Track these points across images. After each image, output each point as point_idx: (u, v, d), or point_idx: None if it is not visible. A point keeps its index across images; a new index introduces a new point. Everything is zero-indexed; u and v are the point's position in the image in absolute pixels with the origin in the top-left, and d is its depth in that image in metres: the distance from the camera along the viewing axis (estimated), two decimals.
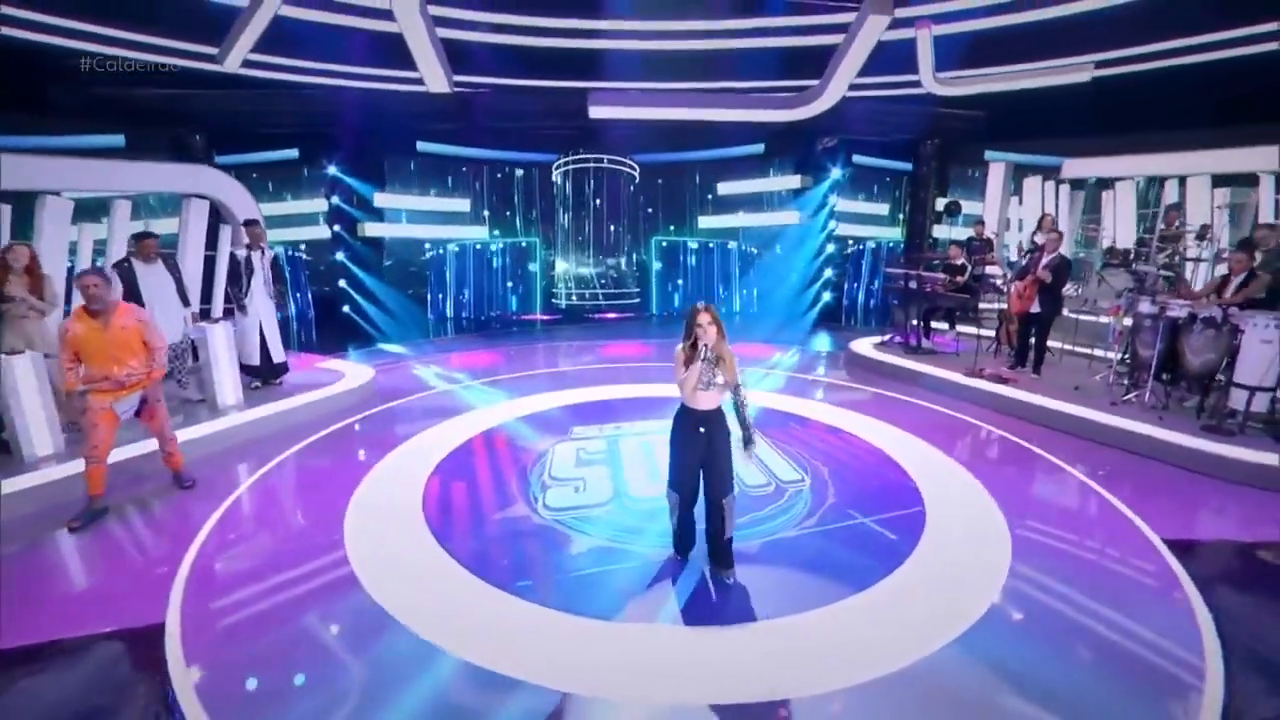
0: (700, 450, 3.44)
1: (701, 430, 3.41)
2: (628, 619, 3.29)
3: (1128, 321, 6.70)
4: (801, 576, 3.70)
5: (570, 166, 12.92)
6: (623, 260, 13.59)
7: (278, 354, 7.03)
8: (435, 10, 8.88)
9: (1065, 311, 7.59)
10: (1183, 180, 9.57)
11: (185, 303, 6.27)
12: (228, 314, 7.03)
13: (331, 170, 11.39)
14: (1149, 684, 2.83)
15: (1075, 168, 10.58)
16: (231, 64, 7.83)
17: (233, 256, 6.73)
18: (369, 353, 10.04)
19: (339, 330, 11.32)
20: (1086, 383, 6.91)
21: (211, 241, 7.92)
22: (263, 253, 6.73)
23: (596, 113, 10.24)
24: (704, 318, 3.28)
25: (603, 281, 13.54)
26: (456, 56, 10.38)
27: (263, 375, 6.95)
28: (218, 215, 8.06)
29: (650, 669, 2.92)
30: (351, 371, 7.91)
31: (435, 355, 9.84)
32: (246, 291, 6.72)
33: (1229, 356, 5.66)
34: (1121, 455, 5.54)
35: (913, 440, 5.94)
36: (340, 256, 11.74)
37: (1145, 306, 6.01)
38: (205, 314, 7.55)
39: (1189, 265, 8.10)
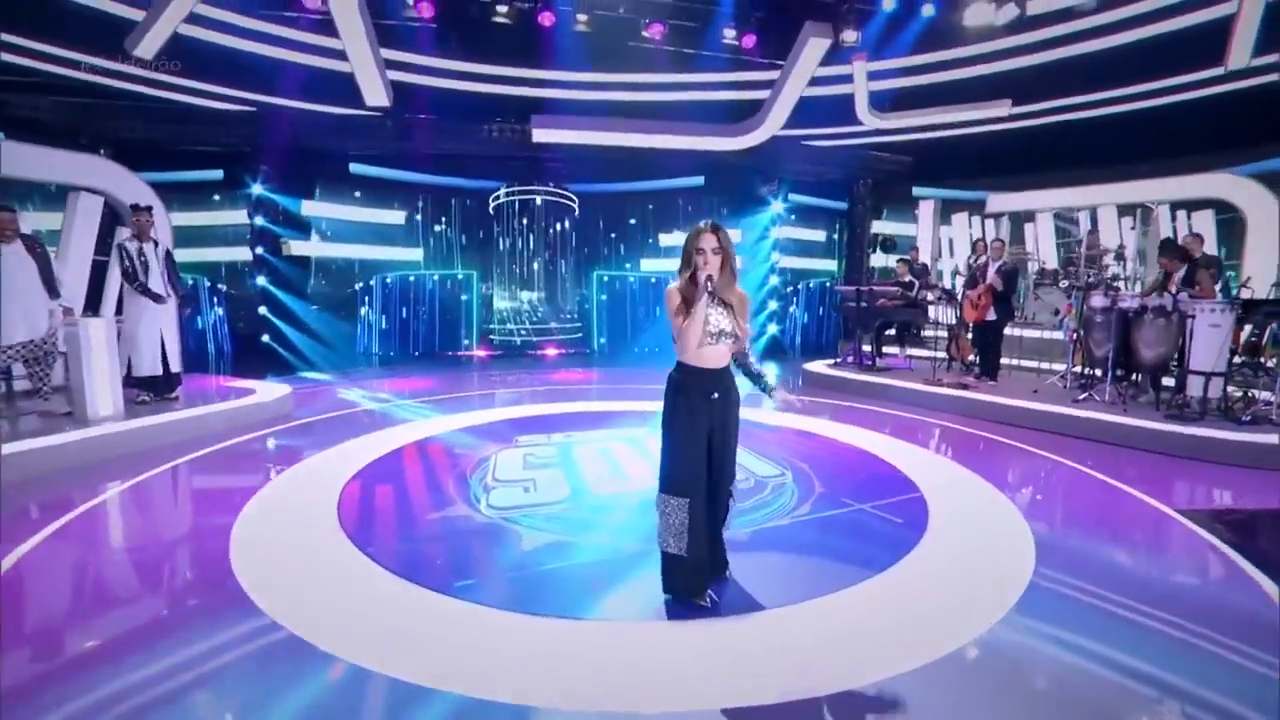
0: (713, 424, 2.62)
1: (715, 397, 2.61)
2: (601, 617, 2.62)
3: (1069, 326, 6.78)
4: (805, 562, 3.17)
5: (509, 198, 12.55)
6: (563, 294, 13.14)
7: (176, 363, 6.02)
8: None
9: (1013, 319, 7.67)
10: (1093, 210, 10.26)
11: (53, 293, 5.25)
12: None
13: (256, 189, 10.49)
14: (1235, 649, 2.42)
15: (998, 202, 11.15)
16: (144, 50, 7.09)
17: (121, 249, 5.78)
18: (289, 379, 8.98)
19: (258, 360, 10.16)
20: (1042, 387, 6.88)
21: (104, 247, 6.89)
22: (155, 245, 5.84)
23: (540, 135, 10.01)
24: (708, 240, 2.49)
25: (543, 315, 12.99)
26: (400, 94, 10.16)
27: (156, 388, 5.91)
28: (116, 219, 7.08)
29: (633, 671, 2.26)
30: (265, 389, 6.94)
31: (364, 380, 8.89)
32: (143, 289, 5.76)
33: (1178, 349, 5.73)
34: (1097, 445, 5.38)
35: (889, 440, 5.60)
36: (262, 281, 10.68)
37: (1097, 300, 6.06)
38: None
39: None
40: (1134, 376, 6.26)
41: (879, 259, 12.28)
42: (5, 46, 7.55)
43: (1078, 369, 6.82)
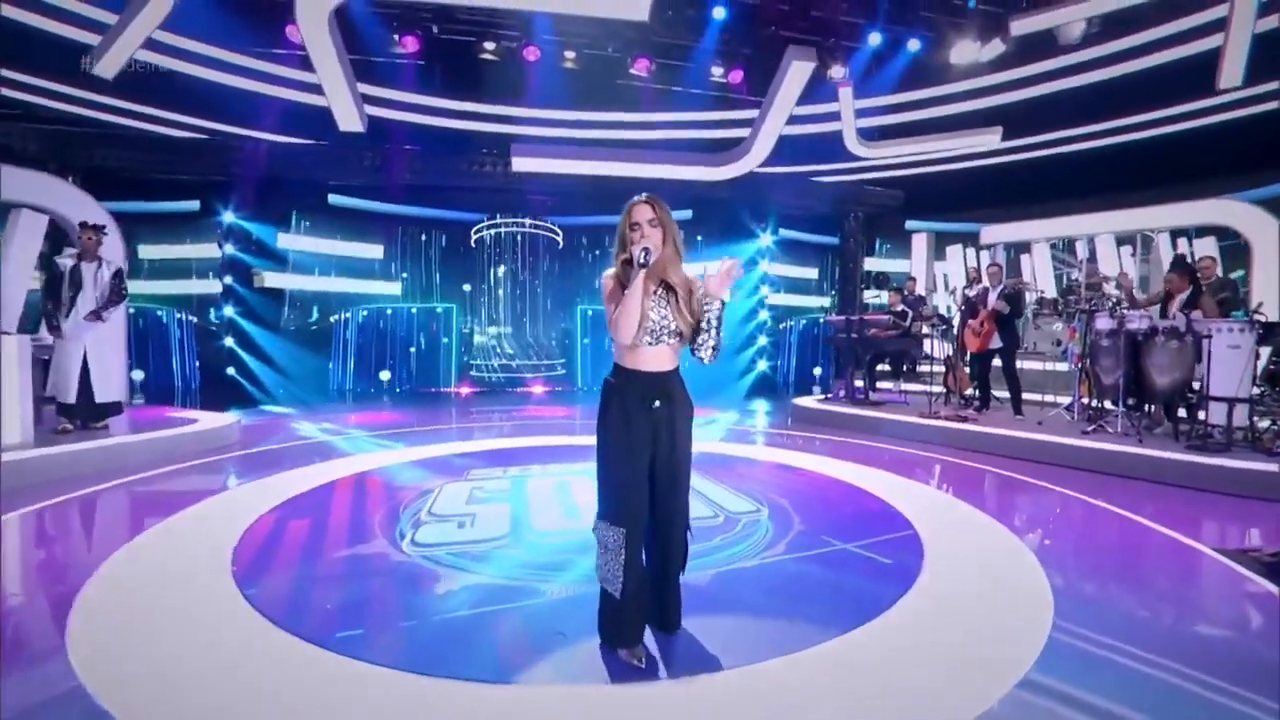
0: (654, 437, 2.14)
1: (657, 405, 2.14)
2: (519, 678, 2.07)
3: (1073, 352, 6.33)
4: (775, 611, 2.61)
5: (491, 230, 12.30)
6: (546, 328, 12.75)
7: (105, 391, 5.53)
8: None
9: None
10: (1091, 240, 9.97)
11: None
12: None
13: (229, 217, 10.21)
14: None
15: (993, 233, 10.87)
16: (105, 70, 6.89)
17: (54, 266, 5.39)
18: (250, 412, 8.48)
19: (227, 393, 9.68)
20: (1047, 419, 6.36)
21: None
22: (100, 264, 5.45)
23: (520, 165, 9.79)
24: (642, 211, 2.10)
25: (525, 350, 12.56)
26: (382, 129, 10.06)
27: (80, 415, 5.42)
28: (63, 238, 6.73)
29: None
30: (208, 419, 6.43)
31: (328, 414, 8.37)
32: (69, 311, 5.35)
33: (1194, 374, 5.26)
34: (1111, 479, 4.83)
35: (879, 474, 5.06)
36: (230, 312, 10.29)
37: (1103, 322, 5.61)
38: None
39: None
40: (1146, 406, 5.75)
41: (872, 295, 11.96)
42: None
43: (1085, 399, 6.32)
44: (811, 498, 4.39)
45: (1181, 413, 5.53)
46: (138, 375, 8.87)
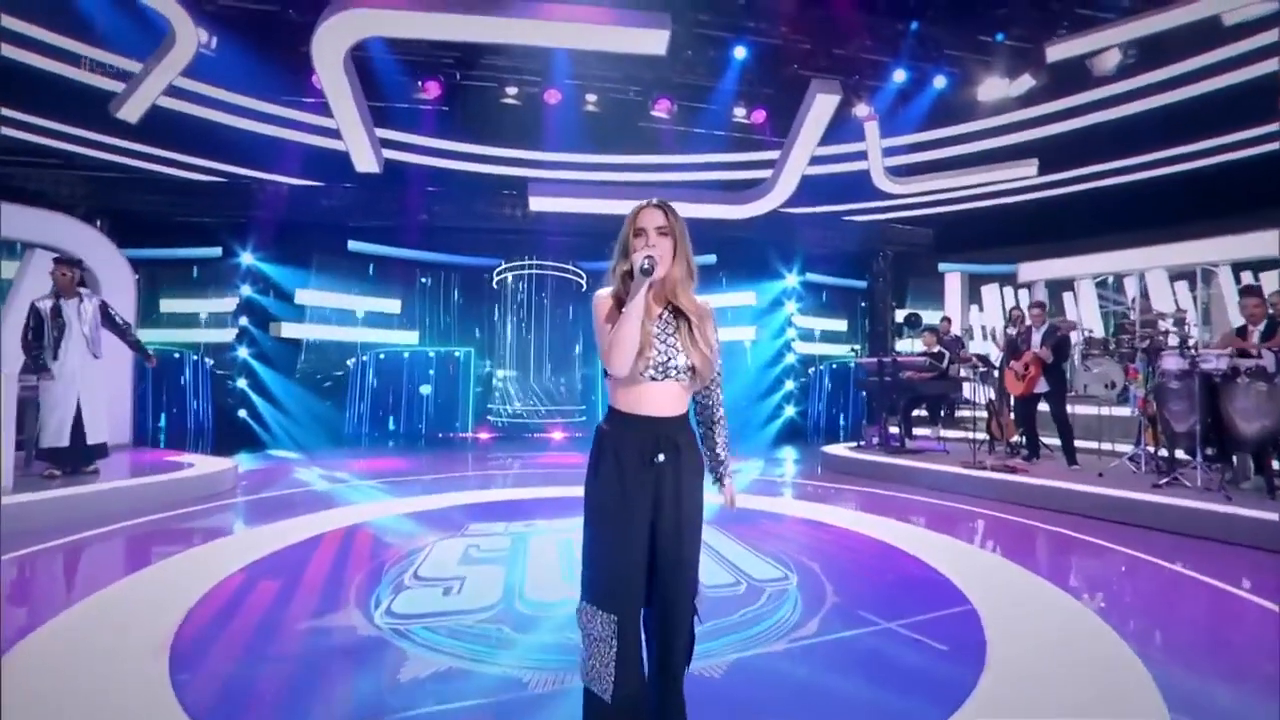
0: (656, 500, 1.68)
1: (660, 459, 1.68)
2: None
3: (1136, 395, 5.72)
4: (805, 713, 2.10)
5: (515, 272, 12.18)
6: (567, 373, 12.43)
7: (95, 433, 5.31)
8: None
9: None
10: (1141, 275, 9.36)
11: None
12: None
13: (247, 258, 10.26)
14: None
15: (1032, 271, 10.34)
16: (128, 114, 6.97)
17: (32, 309, 5.23)
18: (256, 456, 8.26)
19: (240, 438, 9.53)
20: (1108, 470, 5.71)
21: None
22: (80, 299, 5.29)
23: (537, 204, 9.68)
24: (651, 216, 1.72)
25: (546, 395, 12.23)
26: (403, 173, 10.12)
27: (69, 461, 5.19)
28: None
29: None
30: (205, 463, 6.17)
31: (333, 459, 8.07)
32: (56, 353, 5.16)
33: None
34: (1195, 542, 4.19)
35: (921, 532, 4.50)
36: (244, 354, 10.22)
37: (1172, 362, 5.02)
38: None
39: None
40: (1231, 458, 5.09)
41: (905, 343, 11.43)
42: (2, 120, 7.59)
43: (1151, 448, 5.68)
44: (846, 562, 3.86)
45: (1276, 464, 4.86)
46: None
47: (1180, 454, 5.38)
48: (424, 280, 11.98)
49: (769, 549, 3.98)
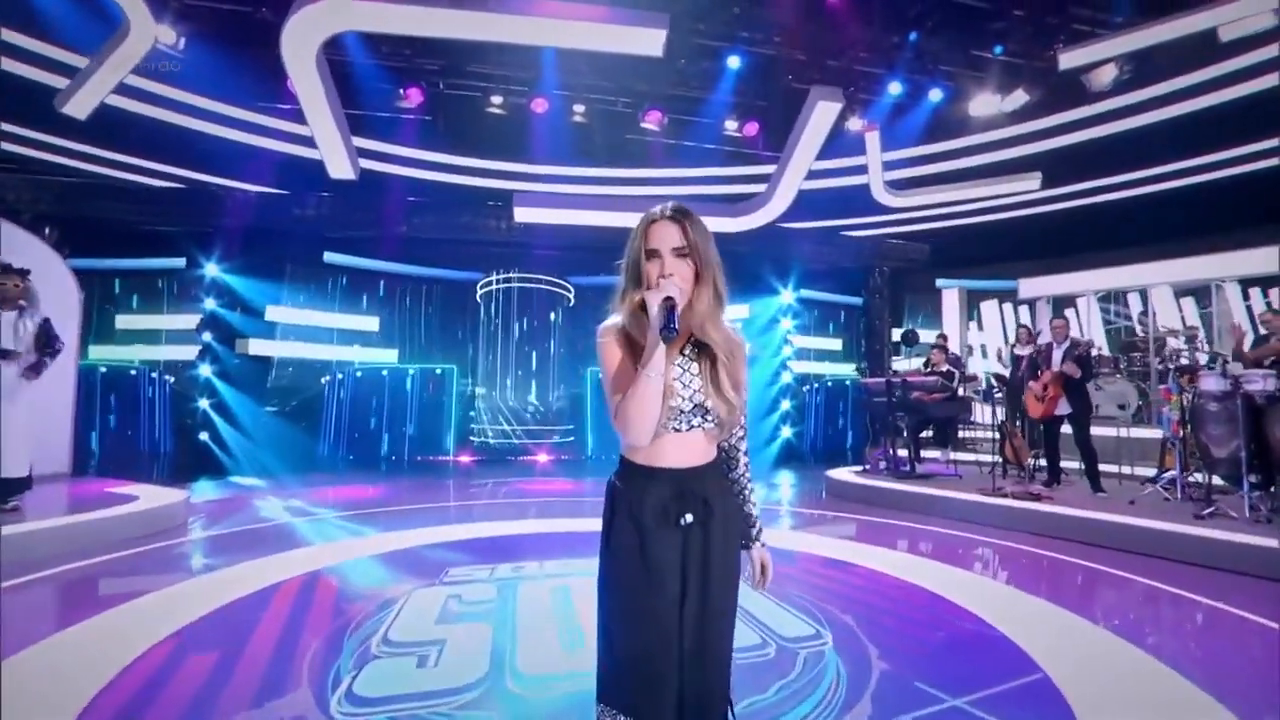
0: (683, 569, 1.32)
1: (687, 521, 1.32)
2: None
3: (1170, 419, 5.38)
4: None
5: (500, 285, 11.68)
6: (554, 392, 11.90)
7: (14, 466, 4.68)
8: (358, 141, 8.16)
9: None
10: (1144, 292, 9.16)
11: None
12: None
13: (211, 269, 9.63)
14: None
15: (1033, 287, 10.11)
16: (76, 110, 6.42)
17: None
18: (219, 484, 7.60)
19: (202, 464, 8.86)
20: (1139, 497, 5.34)
21: None
22: (20, 313, 4.71)
23: (522, 215, 9.24)
24: (667, 233, 1.36)
25: (531, 416, 11.67)
26: (384, 184, 9.66)
27: None
28: None
29: None
30: (152, 495, 5.53)
31: (302, 488, 7.44)
32: None
33: None
34: (1247, 580, 3.80)
35: (957, 573, 4.06)
36: (207, 372, 9.55)
37: (1211, 383, 4.68)
38: None
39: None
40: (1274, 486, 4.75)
41: (903, 361, 11.11)
42: None
43: (1175, 472, 5.32)
44: (881, 612, 3.40)
45: None
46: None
47: (1216, 480, 5.03)
48: (403, 292, 11.42)
49: (792, 597, 3.50)
